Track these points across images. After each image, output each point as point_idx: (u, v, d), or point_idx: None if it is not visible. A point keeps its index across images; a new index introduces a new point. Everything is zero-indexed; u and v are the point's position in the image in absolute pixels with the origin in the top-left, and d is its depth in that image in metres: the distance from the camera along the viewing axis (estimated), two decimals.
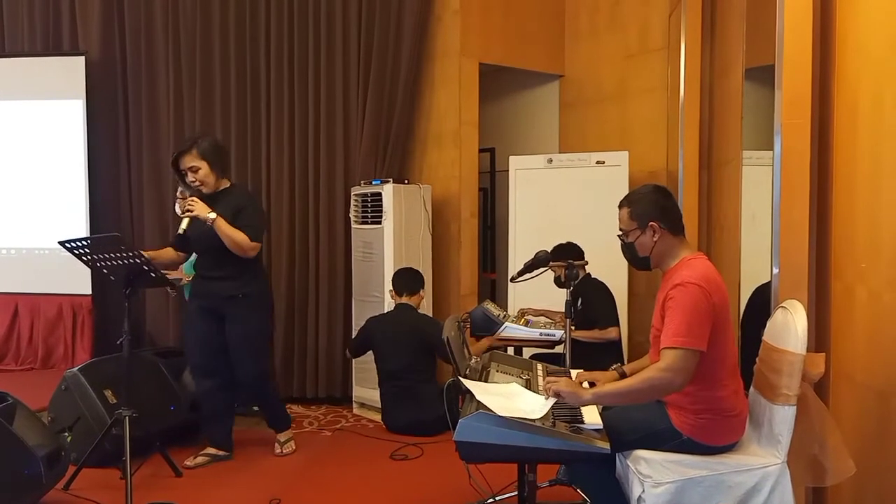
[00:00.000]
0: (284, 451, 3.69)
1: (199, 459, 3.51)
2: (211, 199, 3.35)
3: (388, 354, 4.06)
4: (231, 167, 3.46)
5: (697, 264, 2.23)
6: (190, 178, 3.35)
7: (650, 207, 2.30)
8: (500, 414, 2.00)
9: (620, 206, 2.38)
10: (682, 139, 3.93)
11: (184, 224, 3.27)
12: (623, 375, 2.47)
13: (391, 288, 4.20)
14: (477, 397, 2.09)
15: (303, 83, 4.91)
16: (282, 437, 3.74)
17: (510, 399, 2.18)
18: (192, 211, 3.24)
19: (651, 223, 2.28)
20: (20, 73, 5.37)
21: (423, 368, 4.02)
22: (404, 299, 4.13)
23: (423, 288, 4.21)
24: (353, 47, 4.82)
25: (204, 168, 3.34)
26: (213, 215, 3.25)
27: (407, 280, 4.17)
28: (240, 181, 4.78)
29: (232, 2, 5.00)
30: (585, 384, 2.48)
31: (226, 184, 3.46)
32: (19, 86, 5.37)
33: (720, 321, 2.15)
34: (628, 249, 2.38)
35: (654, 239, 2.29)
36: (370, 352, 4.22)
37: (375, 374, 4.26)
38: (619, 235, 2.40)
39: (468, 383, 2.22)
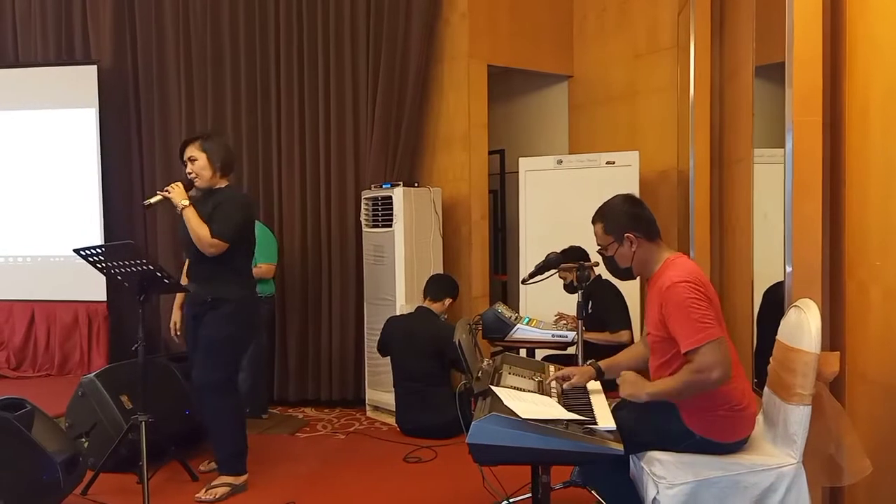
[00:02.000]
0: (204, 497, 3.15)
1: (213, 464, 3.51)
2: (205, 199, 3.32)
3: (401, 356, 4.08)
4: (233, 171, 3.45)
5: (680, 263, 2.27)
6: (188, 167, 3.32)
7: (623, 219, 2.33)
8: (525, 417, 2.01)
9: (594, 222, 2.40)
10: (693, 138, 3.91)
11: (153, 199, 3.24)
12: (599, 370, 2.52)
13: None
14: (506, 403, 2.09)
15: (313, 88, 4.94)
16: (219, 480, 3.24)
17: (540, 406, 2.18)
18: (168, 192, 3.22)
19: (626, 234, 2.32)
20: (34, 82, 5.44)
21: (435, 373, 4.03)
22: (426, 303, 4.15)
23: (450, 297, 4.20)
24: (361, 52, 4.84)
25: (201, 160, 3.28)
26: (185, 202, 3.18)
27: (434, 285, 4.20)
28: (242, 186, 4.83)
29: (241, 9, 5.04)
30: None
31: (222, 183, 3.38)
32: (33, 95, 5.44)
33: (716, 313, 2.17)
34: (610, 262, 2.41)
35: (633, 249, 2.32)
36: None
37: (388, 377, 4.27)
38: (598, 251, 2.43)
39: (498, 390, 2.22)
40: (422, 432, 3.99)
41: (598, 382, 2.58)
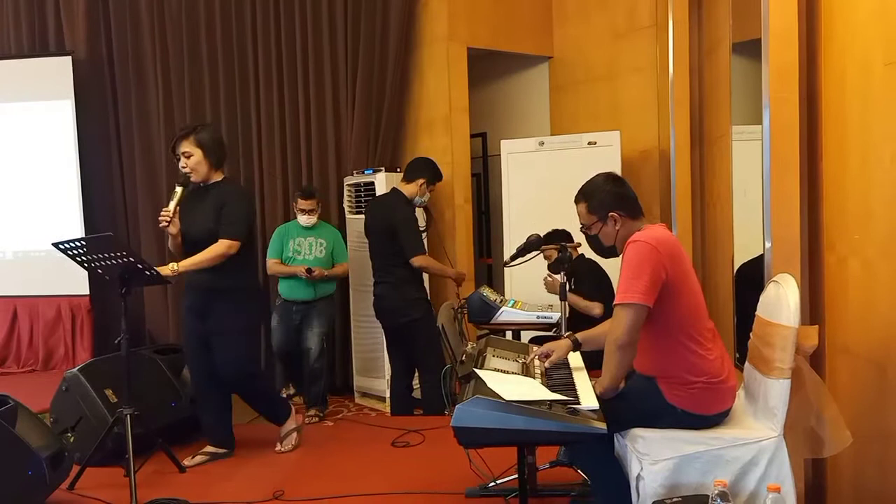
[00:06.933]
0: (283, 448, 3.57)
1: (199, 458, 3.47)
2: (202, 192, 3.34)
3: (372, 238, 4.02)
4: (225, 162, 3.44)
5: (651, 228, 2.28)
6: (182, 162, 3.31)
7: (606, 198, 2.34)
8: (509, 399, 2.02)
9: (577, 202, 2.41)
10: (673, 116, 3.92)
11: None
12: (576, 342, 2.52)
13: None
14: (490, 385, 2.10)
15: (291, 75, 4.90)
16: (283, 430, 3.62)
17: (523, 387, 2.19)
18: (173, 272, 3.19)
19: (610, 214, 2.32)
20: (7, 75, 5.35)
21: (389, 252, 3.88)
22: (399, 184, 3.98)
23: (423, 178, 3.89)
24: (340, 36, 4.80)
25: (197, 155, 3.28)
26: (175, 270, 3.17)
27: (408, 165, 4.04)
28: (232, 175, 4.78)
29: None
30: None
31: (218, 177, 3.39)
32: (7, 88, 5.35)
33: (678, 280, 2.16)
34: (593, 241, 2.42)
35: (616, 228, 2.33)
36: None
37: (375, 363, 4.26)
38: (581, 230, 2.42)
39: (482, 373, 2.22)
40: (380, 314, 3.98)
41: (580, 359, 2.59)
